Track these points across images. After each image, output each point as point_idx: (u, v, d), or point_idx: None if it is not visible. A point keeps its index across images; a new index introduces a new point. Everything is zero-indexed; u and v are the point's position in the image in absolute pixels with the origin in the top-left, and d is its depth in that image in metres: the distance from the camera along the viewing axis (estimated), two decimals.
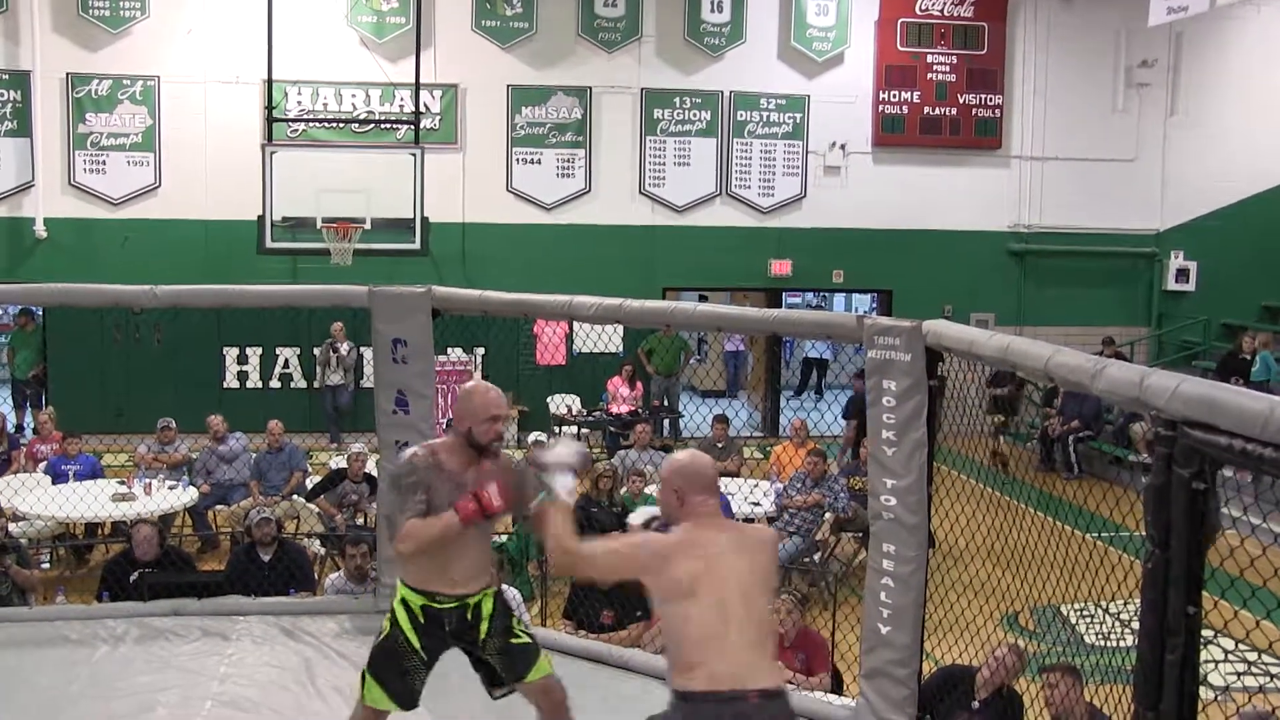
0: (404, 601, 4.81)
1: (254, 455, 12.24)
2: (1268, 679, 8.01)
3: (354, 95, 16.65)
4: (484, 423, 4.72)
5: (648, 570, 4.14)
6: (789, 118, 17.59)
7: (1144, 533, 3.92)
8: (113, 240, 16.16)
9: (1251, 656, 8.06)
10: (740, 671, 4.04)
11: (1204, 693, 3.84)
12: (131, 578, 8.51)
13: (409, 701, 4.87)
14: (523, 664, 4.92)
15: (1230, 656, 8.03)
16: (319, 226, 15.25)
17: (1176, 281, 18.21)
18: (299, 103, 16.47)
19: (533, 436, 12.02)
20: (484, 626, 4.85)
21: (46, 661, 6.79)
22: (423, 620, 4.78)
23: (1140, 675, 3.84)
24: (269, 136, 15.87)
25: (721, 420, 13.43)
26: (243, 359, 16.70)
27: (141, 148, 16.43)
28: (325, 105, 16.58)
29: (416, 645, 4.80)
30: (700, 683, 4.02)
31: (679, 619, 4.09)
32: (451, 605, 4.79)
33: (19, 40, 16.09)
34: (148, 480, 11.40)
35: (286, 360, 16.80)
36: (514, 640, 4.91)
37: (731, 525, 4.49)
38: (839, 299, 20.78)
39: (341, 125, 16.55)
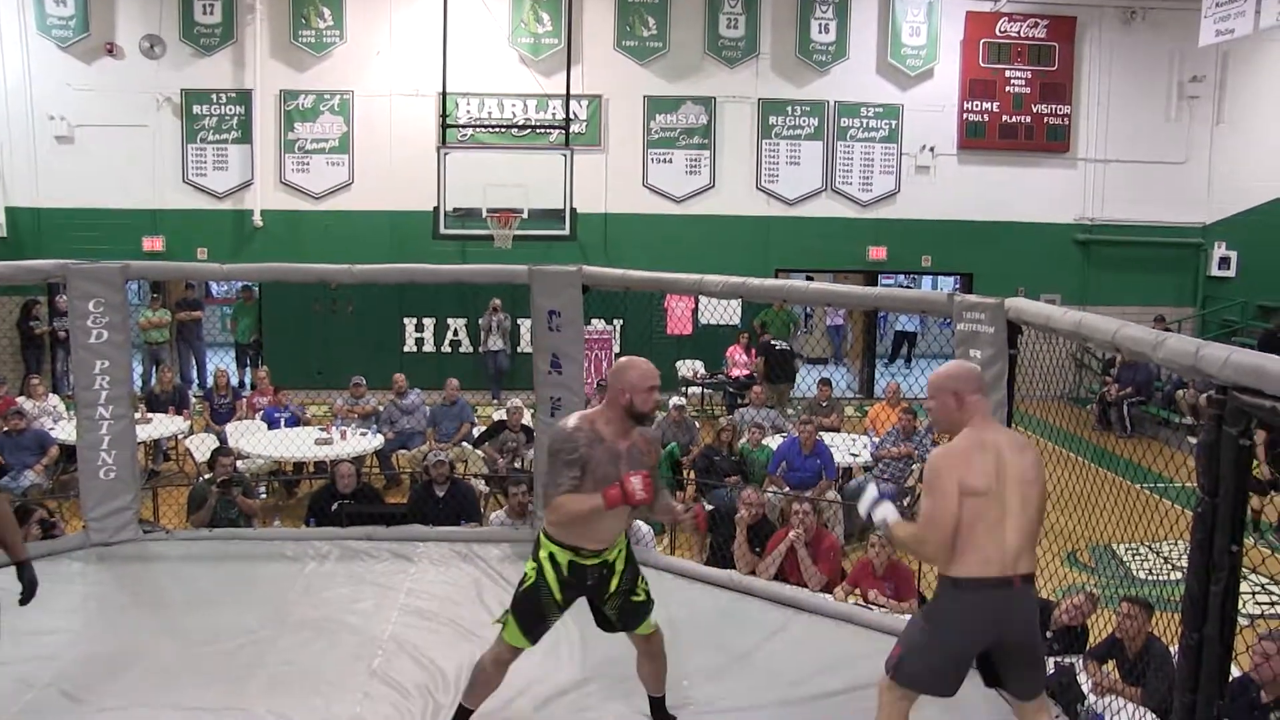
0: (551, 556, 4.63)
1: (429, 408, 12.47)
2: None
3: (514, 105, 16.80)
4: (644, 393, 4.51)
5: (958, 475, 4.02)
6: (885, 124, 17.39)
7: (1189, 484, 3.88)
8: (315, 228, 16.53)
9: (1277, 589, 7.95)
10: (1008, 559, 4.01)
11: (1239, 619, 3.82)
12: (332, 507, 8.77)
13: (537, 639, 4.72)
14: (633, 619, 4.79)
15: (1266, 588, 7.90)
16: (484, 216, 15.41)
17: (1219, 268, 17.78)
18: (468, 111, 16.65)
19: (672, 401, 11.94)
20: (614, 582, 4.71)
21: (269, 572, 7.07)
22: (567, 574, 4.61)
23: (1188, 603, 3.83)
24: (443, 140, 16.06)
25: (825, 383, 13.38)
26: (419, 327, 16.96)
27: (338, 151, 16.75)
28: (490, 113, 16.74)
29: (559, 598, 4.64)
30: (972, 569, 4.00)
31: (965, 513, 4.02)
32: (594, 562, 4.63)
33: (244, 65, 16.47)
34: (343, 427, 11.65)
35: (456, 329, 17.00)
36: (633, 599, 4.76)
37: (1001, 427, 4.37)
38: (926, 280, 20.50)
39: (503, 130, 16.68)
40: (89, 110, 16.18)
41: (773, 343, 14.95)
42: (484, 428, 12.13)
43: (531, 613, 4.67)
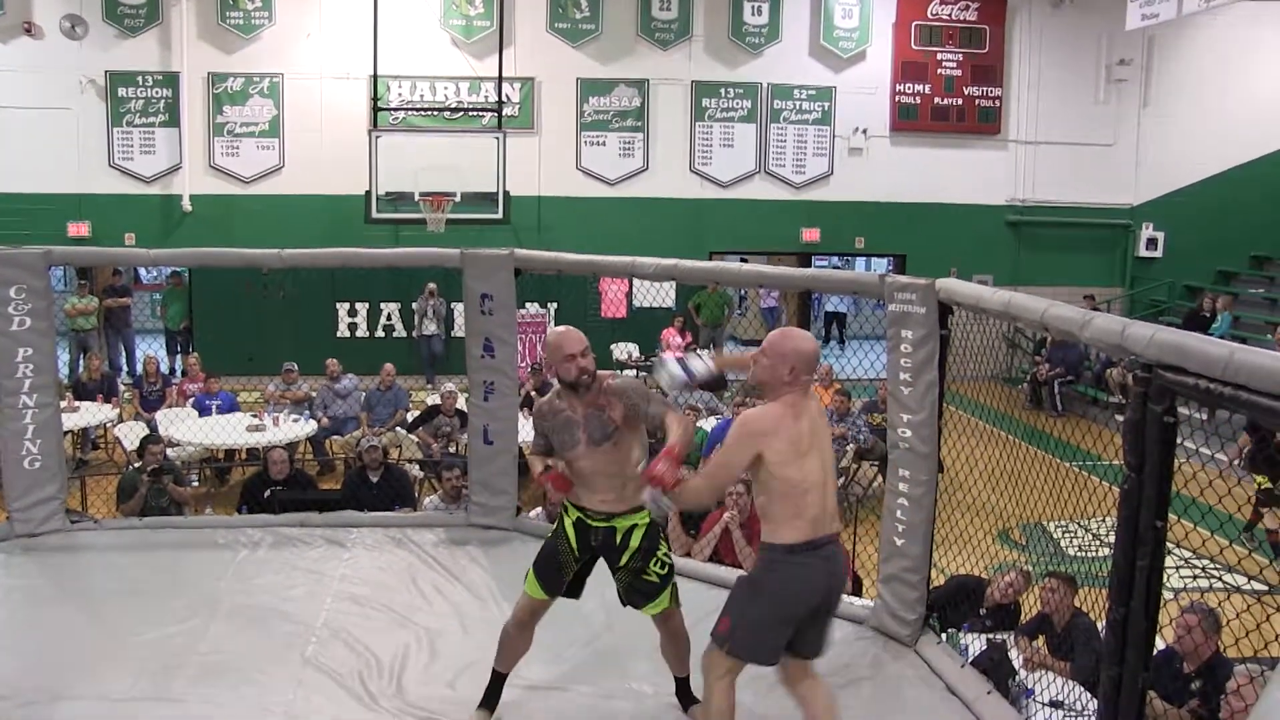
0: (565, 510, 4.80)
1: (363, 393, 12.37)
2: (1213, 581, 8.04)
3: (446, 87, 16.66)
4: (561, 363, 4.61)
5: (761, 443, 4.01)
6: (818, 106, 17.47)
7: (1117, 461, 3.92)
8: (245, 211, 16.30)
9: (1200, 563, 8.12)
10: (831, 519, 4.16)
11: (1163, 593, 3.89)
12: (265, 494, 8.68)
13: (554, 589, 4.79)
14: (641, 599, 4.80)
15: (1190, 562, 8.06)
16: (417, 200, 15.30)
17: (1147, 249, 18.23)
18: (400, 94, 16.49)
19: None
20: (626, 556, 4.73)
21: (200, 561, 6.95)
22: (577, 530, 4.74)
23: (1115, 578, 3.88)
24: (374, 123, 15.91)
25: None
26: (352, 312, 16.81)
27: (268, 134, 16.53)
28: (422, 96, 16.59)
29: (575, 549, 4.74)
30: (806, 532, 4.05)
31: (792, 478, 4.03)
32: (601, 524, 4.70)
33: (170, 47, 16.20)
34: (275, 414, 11.54)
35: (389, 314, 16.88)
36: (644, 578, 4.75)
37: (812, 393, 4.32)
38: (860, 262, 20.64)
39: (436, 113, 16.56)
40: (7, 91, 15.77)
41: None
42: (418, 412, 12.06)
43: (549, 561, 4.80)
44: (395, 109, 16.41)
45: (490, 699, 4.95)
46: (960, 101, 17.72)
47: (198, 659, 5.51)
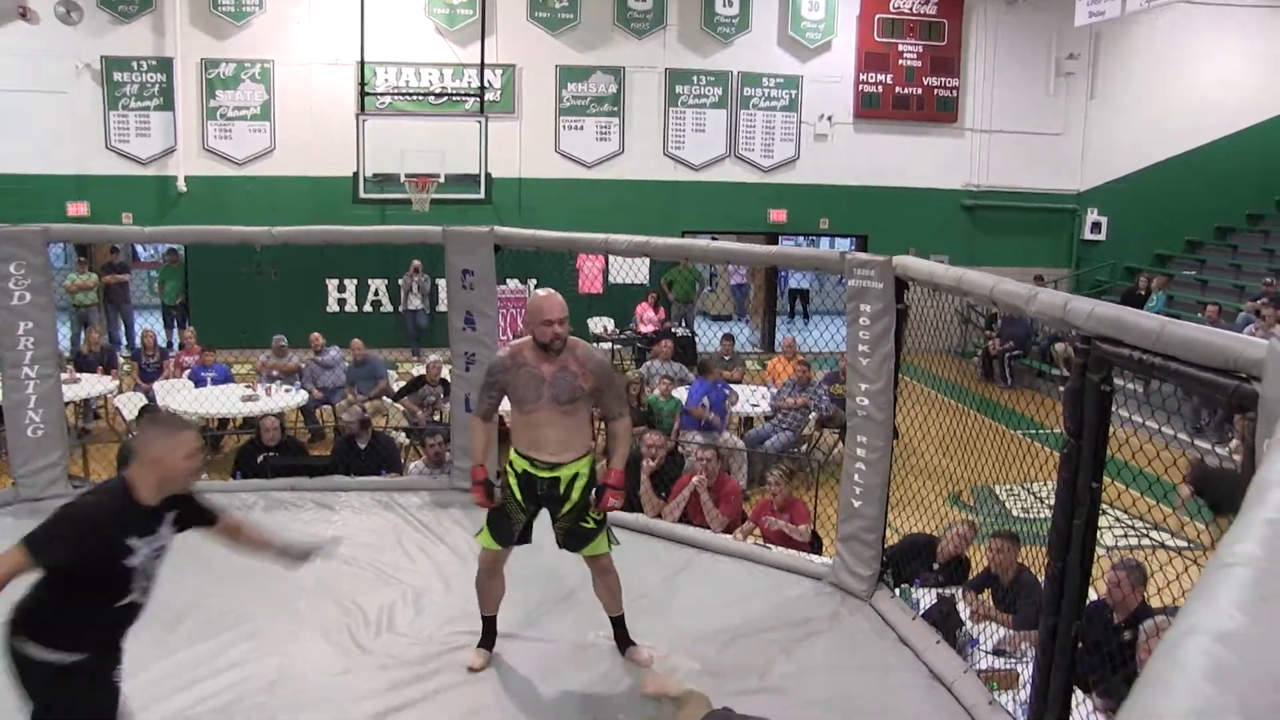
0: (512, 462, 4.86)
1: (346, 365, 12.37)
2: (1142, 537, 8.16)
3: (431, 73, 16.59)
4: (539, 325, 4.70)
5: None
6: (786, 94, 17.48)
7: (1060, 429, 4.00)
8: (238, 192, 16.19)
9: (1131, 522, 8.25)
10: None
11: (1097, 549, 3.97)
12: (259, 460, 8.69)
13: (506, 541, 4.91)
14: (578, 543, 4.92)
15: (1120, 521, 8.18)
16: (402, 181, 15.24)
17: (1091, 232, 18.42)
18: (386, 80, 16.40)
19: None
20: (567, 505, 4.83)
21: None
22: (523, 482, 4.82)
23: (1054, 535, 3.96)
24: (362, 108, 15.82)
25: (728, 338, 13.48)
26: (341, 288, 16.74)
27: (260, 118, 16.41)
28: (407, 82, 16.51)
29: (520, 499, 4.84)
30: None
31: None
32: (546, 475, 4.77)
33: (164, 33, 16.03)
34: (268, 384, 11.52)
35: (376, 289, 16.83)
36: (581, 524, 4.87)
37: None
38: (824, 242, 20.66)
39: (420, 98, 16.47)
40: (5, 76, 15.53)
41: (673, 330, 15.00)
42: (405, 383, 12.05)
43: (498, 514, 4.91)
44: (382, 94, 16.32)
45: (487, 640, 5.13)
46: (920, 91, 17.75)
47: (195, 617, 5.55)
